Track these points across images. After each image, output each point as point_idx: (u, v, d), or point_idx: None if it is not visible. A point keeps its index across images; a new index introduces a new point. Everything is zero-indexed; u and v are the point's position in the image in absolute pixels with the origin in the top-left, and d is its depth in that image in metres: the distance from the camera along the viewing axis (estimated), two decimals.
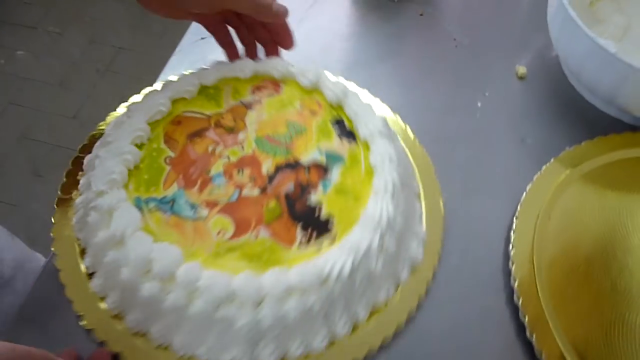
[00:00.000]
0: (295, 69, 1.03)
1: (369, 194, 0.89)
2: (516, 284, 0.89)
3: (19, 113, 2.57)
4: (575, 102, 1.17)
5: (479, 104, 1.17)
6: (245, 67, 1.03)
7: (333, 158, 0.93)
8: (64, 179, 0.98)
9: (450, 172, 1.06)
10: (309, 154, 0.93)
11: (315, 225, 0.86)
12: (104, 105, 1.19)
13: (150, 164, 0.92)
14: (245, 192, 0.89)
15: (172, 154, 0.93)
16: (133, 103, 0.98)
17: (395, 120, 1.09)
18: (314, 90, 1.02)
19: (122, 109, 1.05)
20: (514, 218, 0.98)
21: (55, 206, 0.95)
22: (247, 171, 0.91)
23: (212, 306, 0.78)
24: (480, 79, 1.21)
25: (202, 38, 1.22)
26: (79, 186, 0.94)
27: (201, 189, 0.89)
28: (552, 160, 1.04)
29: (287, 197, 0.88)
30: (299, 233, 0.85)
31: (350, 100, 0.99)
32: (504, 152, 1.10)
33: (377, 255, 0.84)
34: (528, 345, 0.86)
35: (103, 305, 0.86)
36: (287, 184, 0.90)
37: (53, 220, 0.93)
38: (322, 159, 0.93)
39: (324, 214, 0.87)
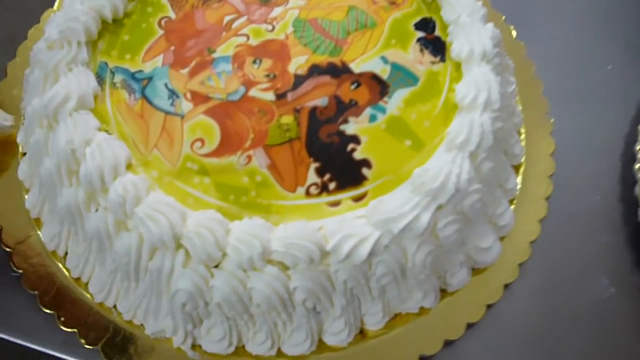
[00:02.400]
0: None
1: (439, 143, 0.56)
2: None
3: None
4: None
5: None
6: None
7: (401, 75, 0.60)
8: None
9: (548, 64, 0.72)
10: (366, 60, 0.61)
11: (340, 169, 0.54)
12: None
13: (138, 22, 0.63)
14: (254, 92, 0.58)
15: (172, 15, 0.63)
16: None
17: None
18: None
19: None
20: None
21: None
22: (266, 63, 0.60)
23: (146, 250, 0.51)
24: None
25: None
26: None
27: (193, 73, 0.59)
28: None
29: (313, 114, 0.57)
30: (311, 175, 0.54)
31: None
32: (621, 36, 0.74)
33: (421, 241, 0.52)
34: None
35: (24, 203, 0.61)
36: (319, 95, 0.58)
37: None
38: (383, 72, 0.60)
39: (359, 154, 0.55)
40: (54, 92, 0.55)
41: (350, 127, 0.57)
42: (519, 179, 0.64)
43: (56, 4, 0.74)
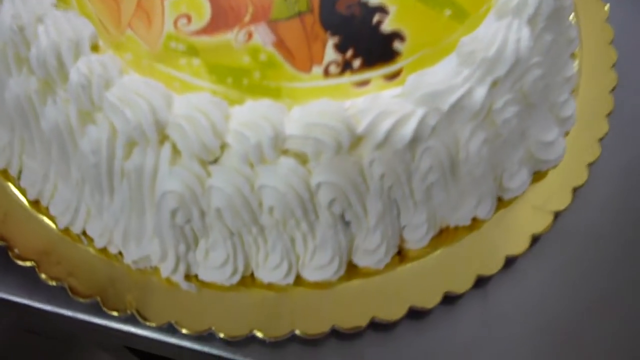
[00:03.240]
0: None
1: (487, 11, 0.45)
2: None
3: None
4: None
5: None
6: None
7: None
8: None
9: None
10: None
11: (366, 43, 0.43)
12: None
13: None
14: None
15: None
16: None
17: None
18: None
19: None
20: None
21: None
22: None
23: (121, 145, 0.39)
24: None
25: None
26: None
27: None
28: None
29: None
30: (329, 52, 0.42)
31: None
32: None
33: (476, 125, 0.41)
34: None
35: None
36: None
37: None
38: None
39: (387, 27, 0.44)
40: None
41: None
42: (575, 67, 0.53)
43: None
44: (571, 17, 0.56)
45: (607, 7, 0.57)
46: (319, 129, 0.37)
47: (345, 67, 0.42)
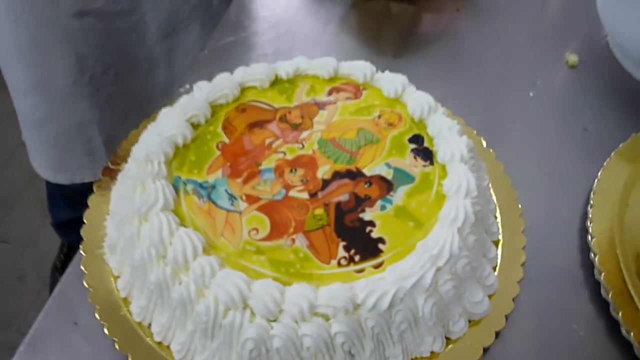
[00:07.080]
0: (382, 76, 0.92)
1: (434, 222, 0.74)
2: (602, 277, 0.78)
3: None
4: (634, 89, 1.06)
5: (531, 94, 1.08)
6: (327, 65, 0.93)
7: (402, 176, 0.80)
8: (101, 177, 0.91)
9: (513, 165, 0.94)
10: (374, 166, 0.81)
11: (362, 245, 0.72)
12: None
13: (200, 146, 0.84)
14: (293, 193, 0.78)
15: (226, 140, 0.84)
16: (201, 82, 0.92)
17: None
18: (396, 101, 0.90)
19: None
20: (589, 207, 0.86)
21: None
22: (300, 171, 0.80)
23: (221, 311, 0.67)
24: (529, 70, 1.13)
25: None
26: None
27: (246, 181, 0.79)
28: (612, 155, 0.92)
29: (338, 207, 0.76)
30: (340, 251, 0.72)
31: (435, 118, 0.86)
32: (566, 142, 1.01)
33: (427, 295, 0.69)
34: (622, 339, 0.74)
35: (113, 286, 0.78)
36: (341, 193, 0.78)
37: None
38: (388, 174, 0.80)
39: (375, 234, 0.73)
40: (144, 197, 0.74)
41: (367, 215, 0.75)
42: (498, 251, 0.82)
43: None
44: (497, 212, 0.86)
45: (520, 206, 0.87)
46: (335, 301, 0.65)
47: (350, 260, 0.71)
